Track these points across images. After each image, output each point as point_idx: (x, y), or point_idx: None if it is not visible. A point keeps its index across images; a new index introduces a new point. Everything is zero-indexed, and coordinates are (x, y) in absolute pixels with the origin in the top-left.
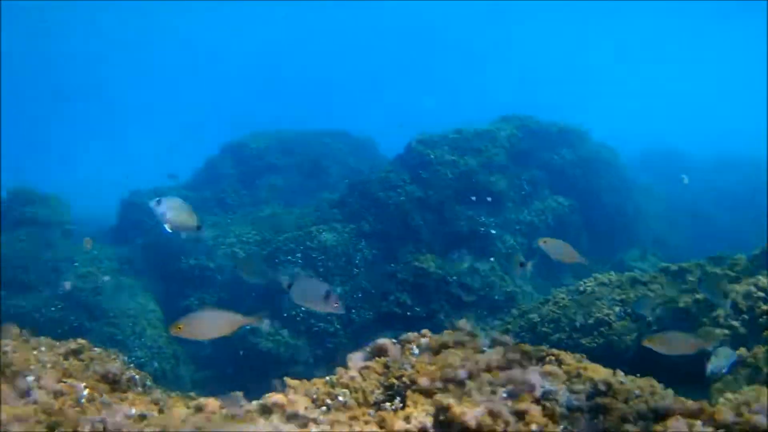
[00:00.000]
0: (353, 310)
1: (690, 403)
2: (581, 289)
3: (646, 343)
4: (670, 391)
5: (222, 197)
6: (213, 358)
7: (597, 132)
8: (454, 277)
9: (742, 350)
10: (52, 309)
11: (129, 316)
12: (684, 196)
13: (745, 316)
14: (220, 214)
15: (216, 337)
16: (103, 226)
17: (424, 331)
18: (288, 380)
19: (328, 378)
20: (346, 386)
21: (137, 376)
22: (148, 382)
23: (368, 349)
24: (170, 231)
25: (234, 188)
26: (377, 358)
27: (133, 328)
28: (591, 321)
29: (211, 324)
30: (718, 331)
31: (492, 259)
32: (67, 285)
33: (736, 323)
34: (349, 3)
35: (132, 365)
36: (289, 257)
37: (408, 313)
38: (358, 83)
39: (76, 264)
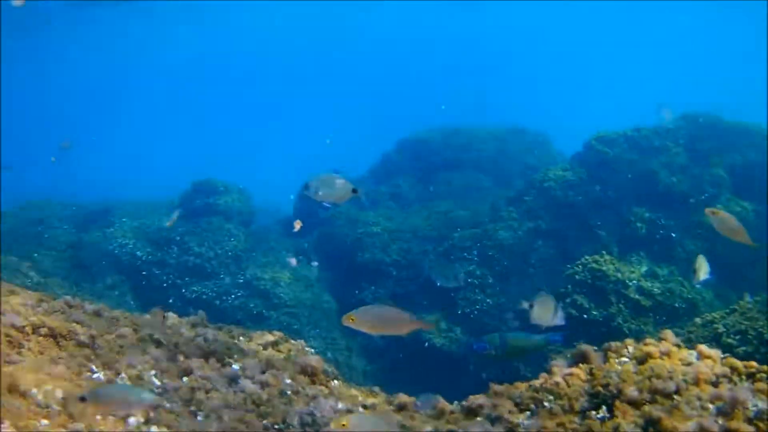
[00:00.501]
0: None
1: None
2: None
3: None
4: None
5: (397, 192)
6: (384, 350)
7: None
8: (633, 281)
9: None
10: (233, 297)
11: (306, 306)
12: None
13: None
14: (395, 208)
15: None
16: (280, 218)
17: (628, 341)
18: (492, 385)
19: (530, 383)
20: (551, 392)
21: (329, 369)
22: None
23: (569, 355)
24: (330, 206)
25: (409, 183)
26: (581, 365)
27: (309, 318)
28: None
29: (385, 321)
30: None
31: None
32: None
33: None
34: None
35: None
36: (465, 254)
37: (584, 316)
38: (536, 75)
39: (254, 254)
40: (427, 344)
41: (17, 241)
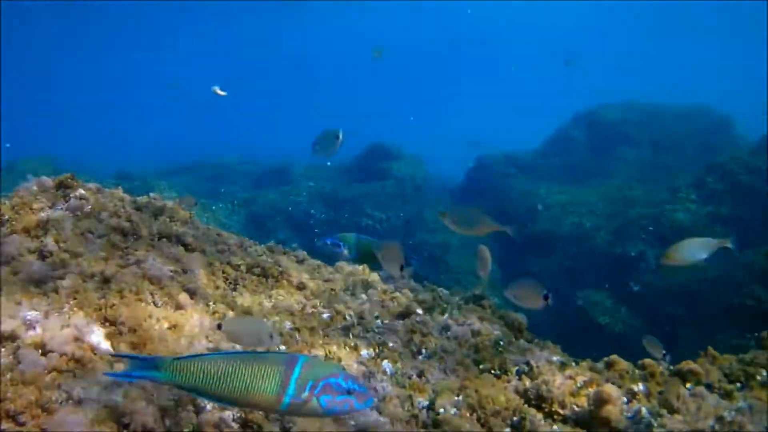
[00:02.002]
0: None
1: None
2: None
3: None
4: None
5: (571, 165)
6: (551, 324)
7: None
8: None
9: None
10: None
11: (472, 273)
12: None
13: None
14: (569, 182)
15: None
16: (451, 185)
17: None
18: (710, 349)
19: (741, 356)
20: (764, 367)
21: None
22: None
23: None
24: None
25: (584, 157)
26: None
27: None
28: None
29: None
30: None
31: None
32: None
33: None
34: None
35: None
36: (640, 233)
37: (762, 308)
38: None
39: (424, 219)
40: (591, 321)
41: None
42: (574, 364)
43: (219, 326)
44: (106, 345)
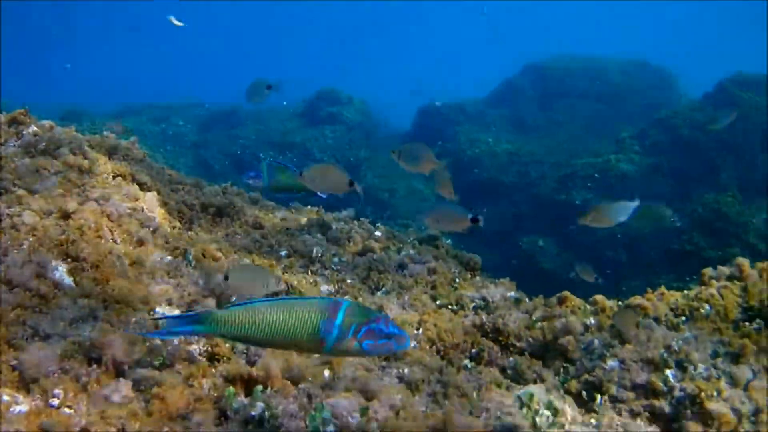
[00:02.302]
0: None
1: None
2: None
3: None
4: None
5: (519, 116)
6: (496, 270)
7: None
8: (756, 227)
9: None
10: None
11: (416, 220)
12: None
13: None
14: (515, 132)
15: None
16: (398, 131)
17: None
18: (649, 290)
19: (685, 292)
20: (707, 301)
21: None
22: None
23: (726, 270)
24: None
25: (531, 108)
26: (735, 281)
27: None
28: None
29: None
30: None
31: None
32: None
33: None
34: None
35: None
36: (586, 182)
37: (702, 254)
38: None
39: (372, 164)
40: (537, 266)
41: (143, 141)
42: (527, 300)
43: (226, 277)
44: (69, 280)
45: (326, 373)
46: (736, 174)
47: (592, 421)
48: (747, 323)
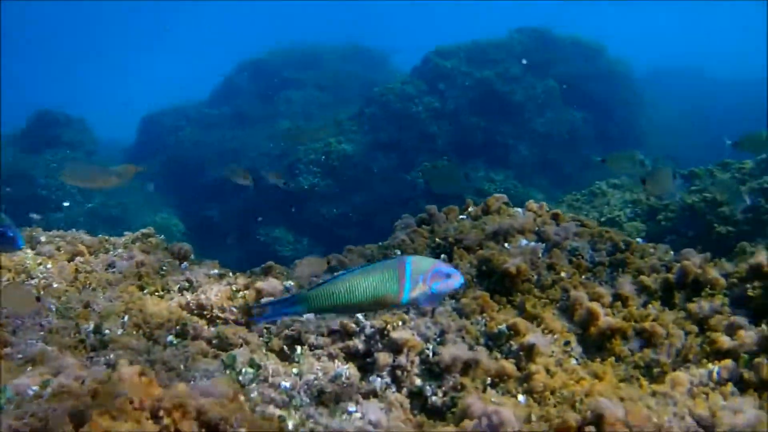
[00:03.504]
0: (375, 217)
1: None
2: (594, 191)
3: None
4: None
5: (240, 112)
6: (238, 264)
7: (612, 46)
8: (472, 185)
9: None
10: (80, 220)
11: (157, 227)
12: (697, 111)
13: (750, 214)
14: (239, 128)
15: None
16: (124, 146)
17: (468, 201)
18: (348, 247)
19: (381, 243)
20: (398, 247)
21: None
22: None
23: (418, 217)
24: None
25: (251, 103)
26: (424, 224)
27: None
28: (603, 220)
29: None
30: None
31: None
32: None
33: (739, 220)
34: None
35: None
36: (311, 167)
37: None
38: None
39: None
40: (275, 255)
41: None
42: (231, 273)
43: None
44: None
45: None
46: (451, 139)
47: (293, 370)
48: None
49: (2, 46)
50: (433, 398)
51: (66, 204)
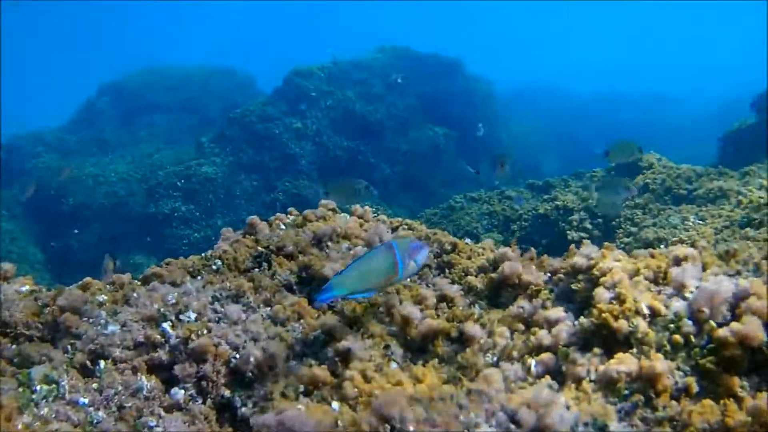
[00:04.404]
0: None
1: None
2: (452, 205)
3: None
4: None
5: (101, 137)
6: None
7: (474, 65)
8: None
9: None
10: None
11: (12, 262)
12: (559, 127)
13: (600, 221)
14: (99, 154)
15: None
16: None
17: (291, 209)
18: (167, 260)
19: (202, 254)
20: (219, 258)
21: None
22: None
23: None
24: None
25: (113, 128)
26: (248, 235)
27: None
28: (460, 234)
29: None
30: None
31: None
32: None
33: (589, 226)
34: None
35: None
36: (171, 191)
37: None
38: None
39: None
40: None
41: None
42: (44, 289)
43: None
44: None
45: None
46: (314, 159)
47: (94, 385)
48: (257, 268)
49: None
50: (243, 409)
51: None
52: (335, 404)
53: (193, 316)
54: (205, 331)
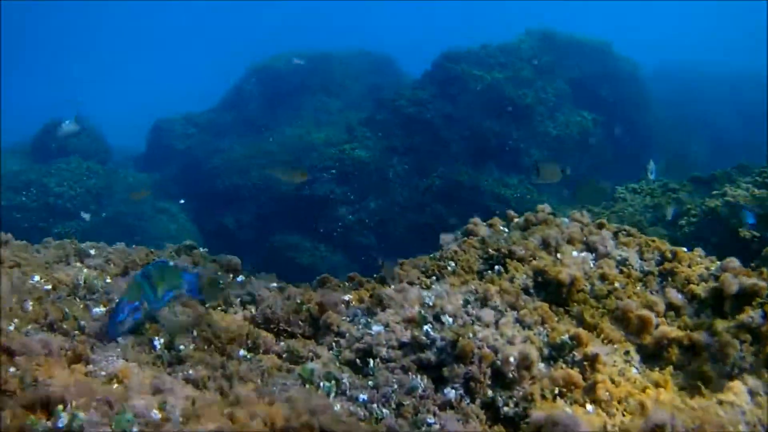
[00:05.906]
0: (390, 223)
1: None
2: (616, 196)
3: None
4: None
5: (250, 119)
6: (254, 270)
7: (617, 44)
8: (488, 189)
9: None
10: (95, 230)
11: (171, 237)
12: (701, 108)
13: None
14: (249, 135)
15: None
16: (133, 154)
17: (511, 213)
18: (401, 261)
19: (432, 254)
20: (451, 258)
21: None
22: None
23: (459, 232)
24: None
25: (261, 109)
26: (471, 237)
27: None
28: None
29: None
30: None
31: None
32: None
33: None
34: None
35: None
36: (324, 174)
37: (450, 222)
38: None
39: (114, 191)
40: (293, 262)
41: None
42: (291, 286)
43: None
44: None
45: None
46: (464, 144)
47: (369, 383)
48: (490, 270)
49: (2, 50)
50: (505, 409)
51: (87, 215)
52: (589, 406)
53: (450, 319)
54: (471, 335)
